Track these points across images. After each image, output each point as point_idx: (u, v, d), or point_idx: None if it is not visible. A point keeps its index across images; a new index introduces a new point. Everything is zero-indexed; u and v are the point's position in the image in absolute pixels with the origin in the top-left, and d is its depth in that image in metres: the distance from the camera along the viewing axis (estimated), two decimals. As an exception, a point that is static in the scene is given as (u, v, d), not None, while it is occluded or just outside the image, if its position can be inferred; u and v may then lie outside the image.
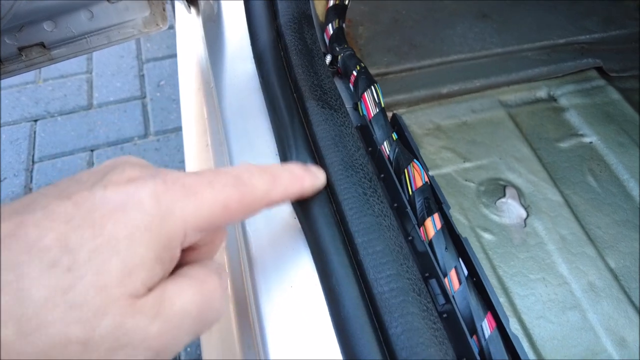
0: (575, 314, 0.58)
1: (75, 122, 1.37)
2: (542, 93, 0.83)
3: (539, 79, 0.83)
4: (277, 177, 0.29)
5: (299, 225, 0.39)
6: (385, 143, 0.45)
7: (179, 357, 0.97)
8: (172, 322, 0.22)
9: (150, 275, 0.21)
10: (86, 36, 0.67)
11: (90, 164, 1.29)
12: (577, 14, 0.95)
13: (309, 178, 0.33)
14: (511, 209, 0.65)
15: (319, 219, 0.37)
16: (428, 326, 0.31)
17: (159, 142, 1.33)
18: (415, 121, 0.74)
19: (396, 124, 0.49)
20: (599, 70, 0.88)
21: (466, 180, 0.68)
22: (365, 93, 0.48)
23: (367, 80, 0.50)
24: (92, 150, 1.33)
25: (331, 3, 0.59)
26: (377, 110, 0.47)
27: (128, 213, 0.21)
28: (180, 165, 1.28)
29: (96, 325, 0.19)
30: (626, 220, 0.67)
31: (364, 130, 0.48)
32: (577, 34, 0.91)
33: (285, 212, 0.40)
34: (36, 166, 1.27)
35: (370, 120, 0.46)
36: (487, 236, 0.63)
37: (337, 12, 0.58)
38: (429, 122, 0.74)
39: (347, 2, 0.59)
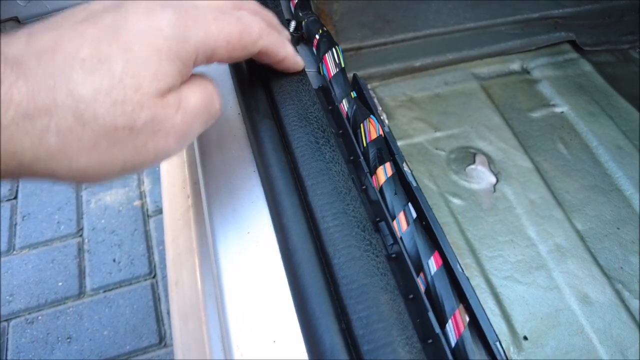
0: (541, 274, 0.59)
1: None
2: (515, 66, 0.84)
3: (512, 53, 0.85)
4: (271, 30, 0.34)
5: (258, 177, 0.41)
6: (344, 101, 0.46)
7: (164, 331, 0.99)
8: (190, 113, 0.28)
9: (173, 82, 0.27)
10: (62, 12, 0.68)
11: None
12: (551, -11, 0.96)
13: (293, 51, 0.39)
14: (481, 175, 0.67)
15: (273, 166, 0.38)
16: (370, 258, 0.32)
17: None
18: (389, 93, 0.75)
19: (356, 84, 0.50)
20: (572, 44, 0.90)
21: (437, 149, 0.69)
22: (326, 54, 0.49)
23: (329, 42, 0.51)
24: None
25: (298, -28, 0.60)
26: (337, 70, 0.48)
27: (151, 37, 0.26)
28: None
29: (137, 116, 0.25)
30: (594, 185, 0.69)
31: (325, 90, 0.49)
32: (550, 8, 0.92)
33: (246, 164, 0.41)
34: None
35: (330, 80, 0.48)
36: (456, 201, 0.64)
37: (303, -19, 0.59)
38: (402, 95, 0.75)
39: (313, -29, 0.60)
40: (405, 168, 0.42)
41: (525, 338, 0.54)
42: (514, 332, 0.55)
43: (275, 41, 0.35)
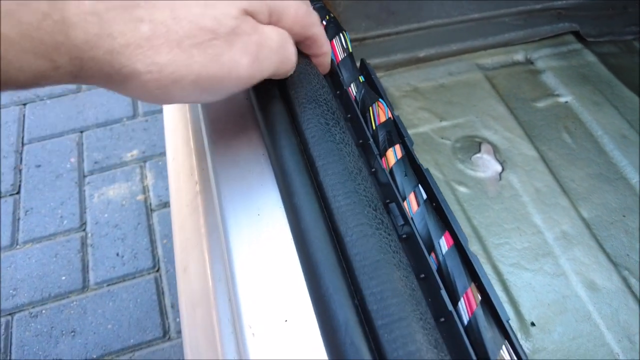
0: (548, 261, 0.59)
1: (64, 104, 1.38)
2: (519, 56, 0.84)
3: (516, 43, 0.84)
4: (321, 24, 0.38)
5: (267, 160, 0.41)
6: (352, 85, 0.46)
7: (168, 324, 0.99)
8: (265, 40, 0.30)
9: (257, 8, 0.30)
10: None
11: (80, 145, 1.30)
12: (554, -20, 0.96)
13: (329, 51, 0.42)
14: (486, 164, 0.67)
15: (284, 147, 0.38)
16: (382, 236, 0.32)
17: (148, 122, 1.34)
18: (393, 84, 0.75)
19: (364, 69, 0.50)
20: (576, 34, 0.89)
21: (442, 138, 0.69)
22: (333, 40, 0.49)
23: (336, 28, 0.51)
24: (81, 132, 1.33)
25: (303, -40, 0.60)
26: (345, 55, 0.48)
27: None
28: (168, 145, 1.29)
29: (221, 22, 0.27)
30: (599, 174, 0.69)
31: (333, 75, 0.49)
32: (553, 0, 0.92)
33: (255, 147, 0.41)
34: (25, 148, 1.28)
35: (338, 65, 0.48)
36: (462, 189, 0.64)
37: (309, -32, 0.59)
38: (407, 85, 0.75)
39: (318, -41, 0.60)
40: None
41: (533, 324, 0.54)
42: (521, 318, 0.55)
43: (324, 33, 0.37)
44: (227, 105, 0.45)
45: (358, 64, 0.53)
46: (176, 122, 0.59)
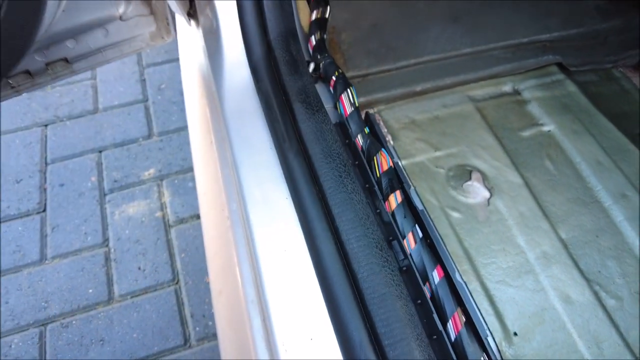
0: (529, 278, 0.68)
1: (83, 125, 1.47)
2: (507, 88, 0.93)
3: (504, 75, 0.93)
4: None
5: (292, 204, 0.49)
6: (359, 136, 0.55)
7: (189, 332, 1.08)
8: None
9: None
10: (102, 50, 0.77)
11: (99, 164, 1.39)
12: (539, 14, 1.05)
13: None
14: (476, 191, 0.75)
15: (305, 197, 0.46)
16: (387, 272, 0.41)
17: (162, 142, 1.43)
18: (393, 116, 0.83)
19: (369, 121, 0.59)
20: (559, 65, 0.98)
21: (437, 167, 0.78)
22: (342, 95, 0.58)
23: (344, 84, 0.59)
24: (100, 152, 1.42)
25: (314, 17, 0.69)
26: (352, 109, 0.57)
27: None
28: (183, 162, 1.38)
29: None
30: (577, 198, 0.77)
31: (342, 126, 0.58)
32: (539, 33, 1.01)
33: (281, 192, 0.50)
34: (49, 167, 1.37)
35: (346, 118, 0.56)
36: (455, 214, 0.73)
37: (319, 25, 0.68)
38: (405, 117, 0.84)
39: (327, 16, 0.69)
40: (413, 194, 0.50)
41: (515, 334, 0.63)
42: (505, 328, 0.63)
43: None
44: (257, 156, 0.53)
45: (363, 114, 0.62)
46: (206, 159, 0.68)
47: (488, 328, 0.43)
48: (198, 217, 1.26)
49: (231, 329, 0.53)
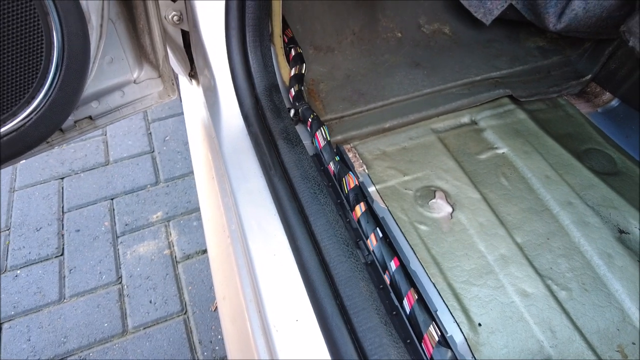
0: (490, 277, 0.79)
1: (96, 176, 1.62)
2: (465, 119, 1.08)
3: (462, 109, 1.08)
4: None
5: (278, 219, 0.62)
6: (331, 163, 0.68)
7: (197, 357, 1.15)
8: None
9: None
10: (119, 108, 0.92)
11: (112, 210, 1.53)
12: (490, 55, 1.23)
13: None
14: (440, 207, 0.88)
15: (288, 211, 0.59)
16: (352, 262, 0.53)
17: (168, 187, 1.58)
18: (366, 149, 0.97)
19: (339, 152, 0.73)
20: (510, 97, 1.14)
21: (406, 189, 0.91)
22: (317, 132, 0.72)
23: (318, 123, 0.74)
24: (112, 199, 1.57)
25: (292, 73, 0.84)
26: (325, 142, 0.71)
27: None
28: (187, 204, 1.52)
29: None
30: (529, 208, 0.90)
31: (318, 156, 0.72)
32: (490, 71, 1.17)
33: (270, 210, 0.63)
34: (66, 216, 1.50)
35: (320, 150, 0.70)
36: (422, 227, 0.85)
37: (297, 79, 0.83)
38: (377, 150, 0.98)
39: (303, 71, 0.85)
40: (382, 204, 0.63)
41: (480, 324, 0.73)
42: (471, 321, 0.73)
43: None
44: (249, 184, 0.67)
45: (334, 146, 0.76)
46: (209, 191, 0.81)
47: (449, 309, 0.54)
48: (203, 252, 1.38)
49: (234, 326, 0.64)
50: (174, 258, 1.39)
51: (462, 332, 0.71)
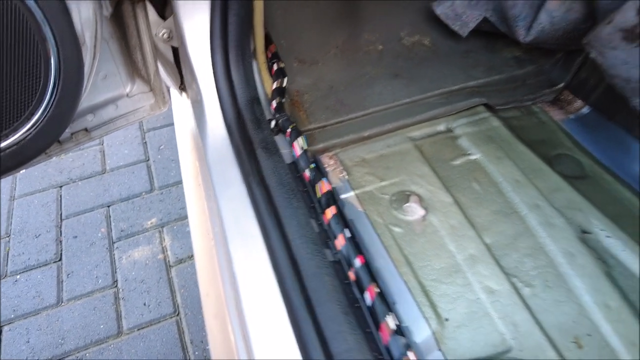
0: (459, 276, 0.84)
1: (93, 184, 1.68)
2: (441, 127, 1.13)
3: (439, 117, 1.14)
4: None
5: (255, 221, 0.68)
6: (306, 170, 0.74)
7: (189, 357, 1.21)
8: None
9: None
10: (113, 120, 0.98)
11: (108, 217, 1.59)
12: (466, 66, 1.29)
13: None
14: (414, 210, 0.94)
15: (264, 214, 0.65)
16: (319, 259, 0.59)
17: (163, 195, 1.64)
18: (347, 157, 1.03)
19: (315, 160, 0.79)
20: (486, 105, 1.20)
21: (382, 194, 0.96)
22: (294, 142, 0.78)
23: (296, 133, 0.80)
24: (108, 206, 1.63)
25: (274, 86, 0.91)
26: (302, 151, 0.77)
27: None
28: (180, 211, 1.58)
29: None
30: (499, 210, 0.95)
31: (295, 164, 0.78)
32: (467, 81, 1.23)
33: (249, 213, 0.68)
34: (64, 222, 1.56)
35: (297, 158, 0.76)
36: (396, 229, 0.90)
37: (279, 92, 0.89)
38: (357, 157, 1.04)
39: (284, 85, 0.91)
40: (360, 208, 0.69)
41: (447, 320, 0.78)
42: (438, 315, 0.79)
43: None
44: (231, 190, 0.73)
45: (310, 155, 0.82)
46: (195, 197, 0.87)
47: (418, 305, 0.60)
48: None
49: (216, 320, 0.69)
50: (167, 262, 1.45)
51: (430, 327, 0.76)
